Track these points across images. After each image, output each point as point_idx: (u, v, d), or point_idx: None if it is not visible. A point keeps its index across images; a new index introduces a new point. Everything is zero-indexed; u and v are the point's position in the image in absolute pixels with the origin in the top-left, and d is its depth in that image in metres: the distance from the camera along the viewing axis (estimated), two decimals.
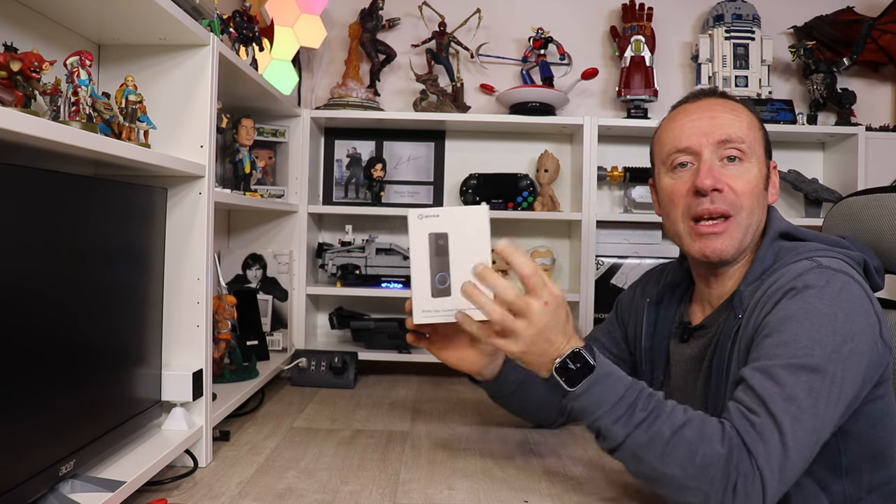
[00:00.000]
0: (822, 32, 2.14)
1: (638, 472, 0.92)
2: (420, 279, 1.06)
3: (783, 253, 1.01)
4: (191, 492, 1.04)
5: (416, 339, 1.16)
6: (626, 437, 0.89)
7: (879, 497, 0.98)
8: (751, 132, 1.05)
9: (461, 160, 2.17)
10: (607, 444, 0.92)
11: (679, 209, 1.05)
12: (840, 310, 0.90)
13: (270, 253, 1.93)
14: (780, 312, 0.92)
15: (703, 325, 1.10)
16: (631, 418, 0.89)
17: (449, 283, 1.04)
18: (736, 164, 1.03)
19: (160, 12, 1.00)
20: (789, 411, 0.84)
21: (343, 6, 2.16)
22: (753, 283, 1.01)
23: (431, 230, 1.06)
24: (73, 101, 0.89)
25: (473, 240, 1.04)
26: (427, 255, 1.05)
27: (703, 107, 1.07)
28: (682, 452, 0.85)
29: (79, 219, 0.88)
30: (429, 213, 1.06)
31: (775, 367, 0.87)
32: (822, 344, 0.87)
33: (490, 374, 1.21)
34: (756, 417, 0.85)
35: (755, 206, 1.03)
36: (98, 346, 0.94)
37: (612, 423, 0.90)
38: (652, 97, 2.07)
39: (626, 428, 0.89)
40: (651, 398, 0.91)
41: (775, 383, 0.86)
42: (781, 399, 0.85)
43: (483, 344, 1.14)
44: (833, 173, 2.12)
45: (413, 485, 1.08)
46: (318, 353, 1.82)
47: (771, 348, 0.90)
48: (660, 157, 1.11)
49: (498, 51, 2.19)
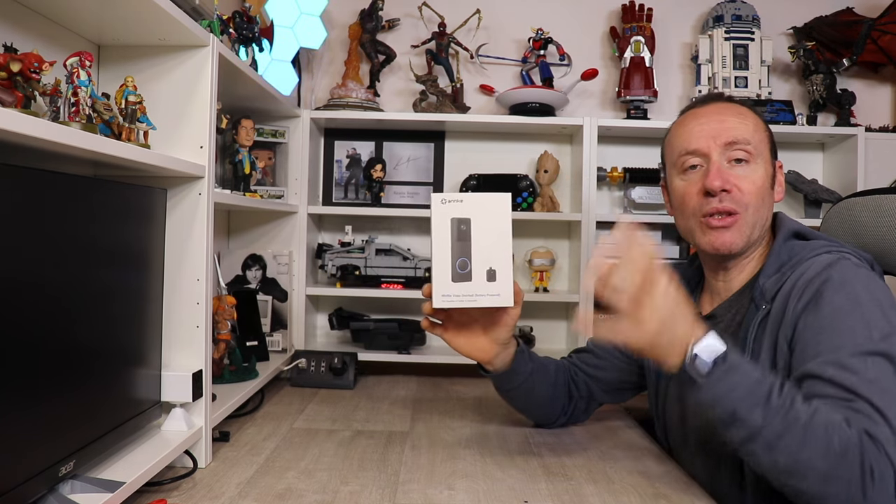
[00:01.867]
0: (821, 33, 2.14)
1: (775, 463, 0.87)
2: (441, 264, 1.07)
3: (797, 249, 1.07)
4: (190, 492, 1.04)
5: (431, 326, 1.18)
6: (763, 424, 0.86)
7: None
8: (757, 134, 1.11)
9: (461, 161, 2.17)
10: (742, 432, 0.88)
11: (690, 208, 1.12)
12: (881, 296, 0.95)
13: (270, 253, 1.93)
14: (827, 308, 0.95)
15: (713, 314, 1.15)
16: (768, 403, 0.86)
17: (470, 268, 1.06)
18: (743, 166, 1.09)
19: (160, 13, 1.00)
20: (878, 393, 0.86)
21: (343, 7, 2.16)
22: (773, 277, 1.05)
23: (454, 215, 1.07)
24: (73, 102, 0.89)
25: (495, 226, 1.06)
26: (449, 239, 1.06)
27: (711, 111, 1.13)
28: (820, 439, 0.83)
29: (78, 219, 0.88)
30: (452, 197, 1.07)
31: (844, 358, 0.90)
32: (878, 328, 0.91)
33: (501, 364, 1.23)
34: (855, 404, 0.86)
35: (761, 205, 1.09)
36: (97, 346, 0.94)
37: (750, 409, 0.86)
38: (652, 98, 2.07)
39: (764, 413, 0.86)
40: (784, 385, 0.89)
41: (851, 372, 0.88)
42: (866, 383, 0.87)
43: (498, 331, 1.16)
44: (833, 174, 2.12)
45: (413, 485, 1.08)
46: (318, 354, 1.82)
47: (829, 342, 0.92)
48: (670, 159, 1.17)
49: (498, 51, 2.19)
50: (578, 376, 1.34)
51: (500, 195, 1.07)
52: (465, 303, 1.07)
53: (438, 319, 1.17)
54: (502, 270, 1.07)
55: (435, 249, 1.07)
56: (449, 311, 1.16)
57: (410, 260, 1.97)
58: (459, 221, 1.07)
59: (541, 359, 1.31)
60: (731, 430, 0.89)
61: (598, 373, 1.33)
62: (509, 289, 1.07)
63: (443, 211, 1.07)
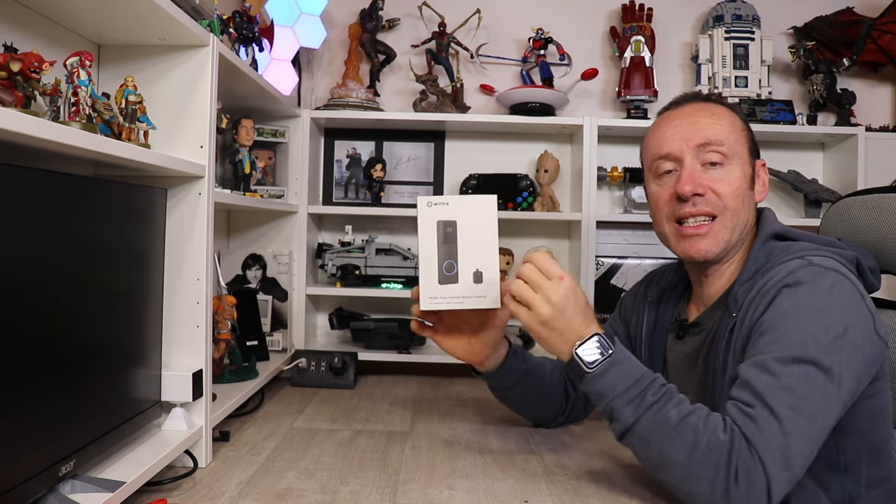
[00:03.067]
0: (821, 33, 2.14)
1: (645, 456, 0.95)
2: (428, 266, 1.07)
3: (775, 253, 1.03)
4: (191, 492, 1.04)
5: (421, 328, 1.18)
6: (636, 420, 0.92)
7: (878, 494, 0.99)
8: (732, 134, 1.07)
9: (461, 160, 2.17)
10: (618, 427, 0.95)
11: (663, 213, 1.10)
12: (833, 304, 0.92)
13: (270, 253, 1.93)
14: (774, 310, 0.94)
15: (698, 322, 1.13)
16: (642, 402, 0.93)
17: (456, 270, 1.06)
18: (718, 168, 1.06)
19: (160, 12, 1.00)
20: (785, 401, 0.86)
21: (343, 6, 2.16)
22: (747, 283, 1.03)
23: (440, 217, 1.07)
24: (73, 102, 0.89)
25: (481, 228, 1.06)
26: (435, 242, 1.06)
27: (684, 112, 1.11)
28: (687, 437, 0.88)
29: (79, 219, 0.88)
30: (438, 200, 1.07)
31: (769, 361, 0.89)
32: (815, 338, 0.89)
33: (492, 365, 1.24)
34: (753, 410, 0.87)
35: (740, 207, 1.06)
36: (98, 346, 0.94)
37: (625, 405, 0.93)
38: (652, 97, 2.07)
39: (636, 410, 0.93)
40: (662, 386, 0.95)
41: (770, 375, 0.88)
42: (776, 389, 0.87)
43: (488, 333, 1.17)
44: (833, 174, 2.12)
45: (413, 485, 1.08)
46: (318, 354, 1.82)
47: (765, 345, 0.92)
48: (646, 164, 1.16)
49: (498, 51, 2.19)
50: None
51: (486, 197, 1.06)
52: (452, 305, 1.07)
53: (428, 321, 1.17)
54: (489, 272, 1.07)
55: (422, 252, 1.07)
56: (439, 314, 1.16)
57: (410, 260, 1.97)
58: (445, 224, 1.06)
59: (535, 359, 1.31)
60: (611, 424, 0.97)
61: None
62: (496, 291, 1.08)
63: (428, 213, 1.07)
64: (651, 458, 0.93)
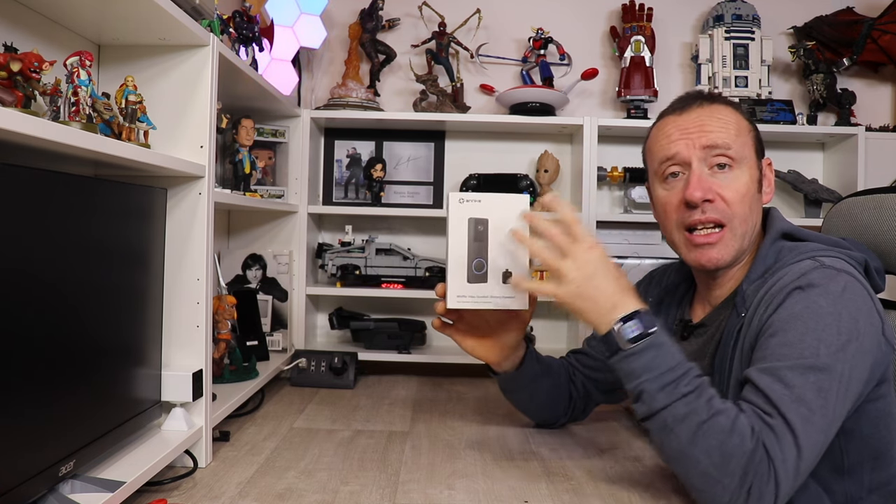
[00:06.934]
0: (821, 33, 2.14)
1: (664, 446, 0.92)
2: (457, 264, 1.05)
3: (784, 252, 1.03)
4: (191, 492, 1.04)
5: (442, 326, 1.17)
6: (665, 407, 0.89)
7: (880, 497, 0.99)
8: (739, 136, 1.06)
9: (461, 160, 2.16)
10: (644, 409, 0.92)
11: (673, 220, 1.09)
12: (844, 309, 0.91)
13: (270, 253, 1.93)
14: (785, 312, 0.93)
15: (703, 322, 1.12)
16: (675, 390, 0.89)
17: (486, 269, 1.04)
18: (725, 172, 1.05)
19: (160, 12, 1.00)
20: (800, 413, 0.85)
21: (343, 6, 2.16)
22: (756, 282, 1.02)
23: (472, 215, 1.05)
24: (73, 102, 0.89)
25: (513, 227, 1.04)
26: (465, 240, 1.05)
27: (690, 115, 1.09)
28: (712, 437, 0.86)
29: (79, 219, 0.88)
30: (470, 197, 1.05)
31: (783, 369, 0.88)
32: (827, 343, 0.88)
33: (510, 366, 1.23)
34: (771, 419, 0.86)
35: (748, 213, 1.05)
36: (98, 346, 0.94)
37: (658, 390, 0.90)
38: (652, 97, 2.07)
39: (668, 397, 0.89)
40: (697, 377, 0.92)
41: (784, 385, 0.87)
42: (791, 401, 0.86)
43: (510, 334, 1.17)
44: (833, 174, 2.12)
45: (413, 485, 1.08)
46: (318, 354, 1.82)
47: (777, 348, 0.91)
48: (652, 166, 1.14)
49: (498, 51, 2.19)
50: (576, 376, 1.35)
51: (519, 196, 1.05)
52: (479, 304, 1.05)
53: (450, 319, 1.16)
54: (518, 272, 1.06)
55: (451, 249, 1.05)
56: (461, 312, 1.15)
57: (410, 259, 1.97)
58: (477, 222, 1.05)
59: (547, 360, 1.31)
60: (635, 403, 0.94)
61: (595, 374, 1.33)
62: (525, 292, 1.06)
63: (460, 210, 1.05)
64: (671, 447, 0.90)
